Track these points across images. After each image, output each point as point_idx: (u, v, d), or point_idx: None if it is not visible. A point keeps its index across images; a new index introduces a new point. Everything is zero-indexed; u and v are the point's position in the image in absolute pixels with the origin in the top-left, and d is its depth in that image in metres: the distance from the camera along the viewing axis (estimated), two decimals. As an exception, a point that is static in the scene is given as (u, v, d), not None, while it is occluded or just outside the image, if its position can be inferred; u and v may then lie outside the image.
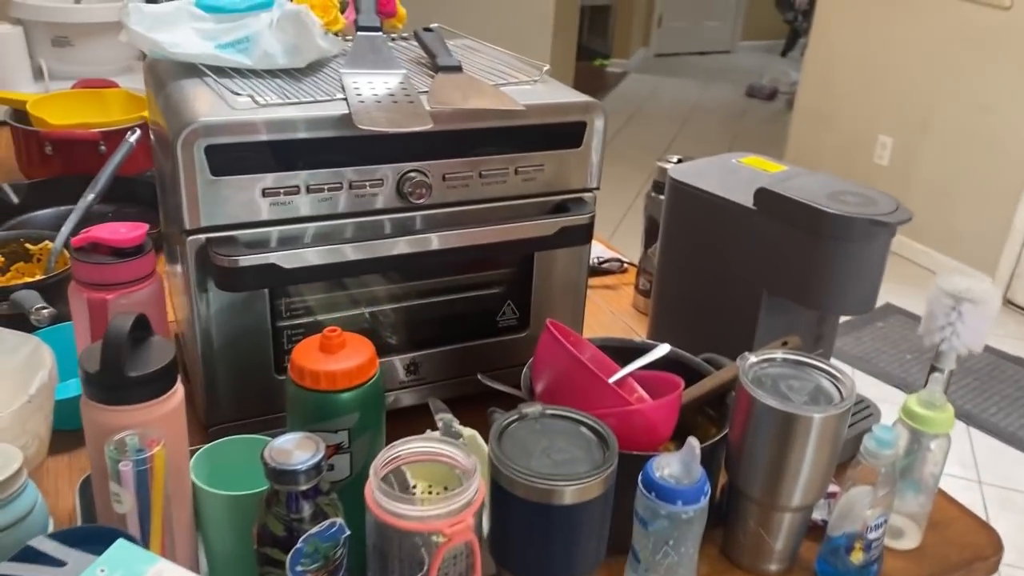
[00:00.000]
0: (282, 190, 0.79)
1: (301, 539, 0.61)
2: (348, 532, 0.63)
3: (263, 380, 0.85)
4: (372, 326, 0.90)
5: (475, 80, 0.89)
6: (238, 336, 0.82)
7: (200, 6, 0.89)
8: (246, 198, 0.78)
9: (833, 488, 0.79)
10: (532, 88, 0.90)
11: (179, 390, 0.64)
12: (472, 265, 0.92)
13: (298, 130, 0.77)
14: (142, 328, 0.63)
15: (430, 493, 0.66)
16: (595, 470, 0.62)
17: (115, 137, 1.44)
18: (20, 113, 1.49)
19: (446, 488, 0.63)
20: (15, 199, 1.34)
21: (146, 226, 0.75)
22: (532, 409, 0.66)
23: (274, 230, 0.80)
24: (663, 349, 0.85)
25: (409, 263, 0.84)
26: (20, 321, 0.91)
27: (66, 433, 0.82)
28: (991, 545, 0.85)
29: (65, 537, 0.51)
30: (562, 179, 0.90)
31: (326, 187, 0.80)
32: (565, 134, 0.89)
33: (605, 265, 1.33)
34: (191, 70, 0.86)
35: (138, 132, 1.21)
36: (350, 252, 0.80)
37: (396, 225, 0.84)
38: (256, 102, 0.78)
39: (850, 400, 0.72)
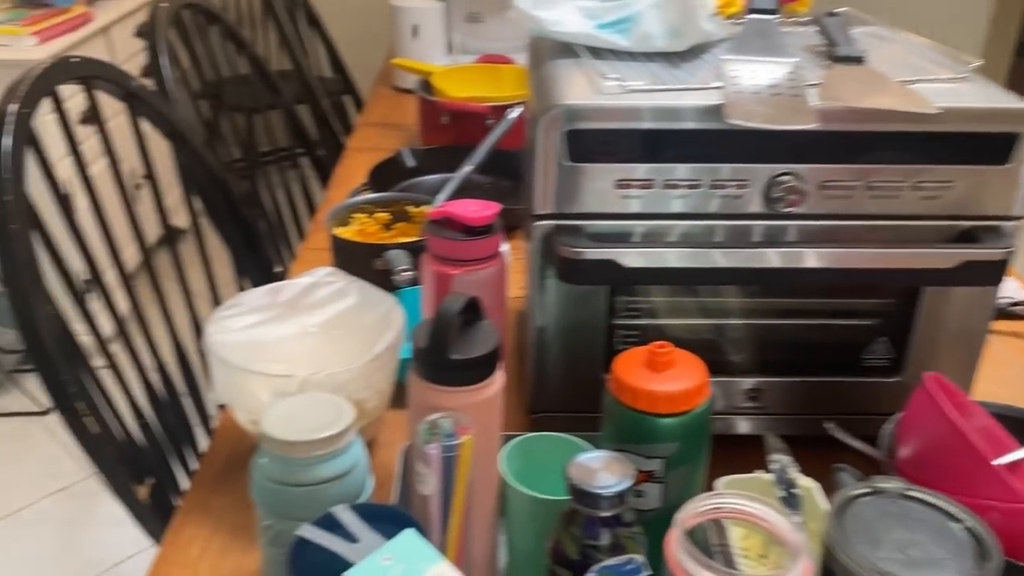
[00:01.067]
0: (637, 183, 0.73)
1: (594, 569, 0.56)
2: (649, 573, 0.57)
3: (591, 377, 0.81)
4: (715, 339, 0.81)
5: (878, 74, 0.75)
6: (574, 328, 0.79)
7: (588, -17, 0.86)
8: (599, 188, 0.74)
9: None
10: (953, 87, 0.74)
11: (498, 379, 0.61)
12: (844, 290, 0.80)
13: (662, 119, 0.71)
14: (473, 311, 0.62)
15: (744, 553, 0.57)
16: (965, 567, 0.48)
17: (502, 112, 1.50)
18: (427, 84, 1.62)
19: (762, 556, 0.53)
20: (411, 163, 1.46)
21: (498, 206, 0.74)
22: (891, 485, 0.54)
23: (623, 224, 0.75)
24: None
25: (769, 279, 0.74)
26: (389, 279, 0.98)
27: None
28: None
29: (364, 512, 0.51)
30: (974, 202, 0.73)
31: (684, 184, 0.73)
32: (988, 147, 0.72)
33: (1017, 308, 1.09)
34: (568, 50, 0.84)
35: (520, 108, 1.24)
36: (702, 258, 0.72)
37: (757, 233, 0.75)
38: (624, 87, 0.73)
39: None
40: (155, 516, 0.88)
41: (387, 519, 0.51)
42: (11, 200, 0.74)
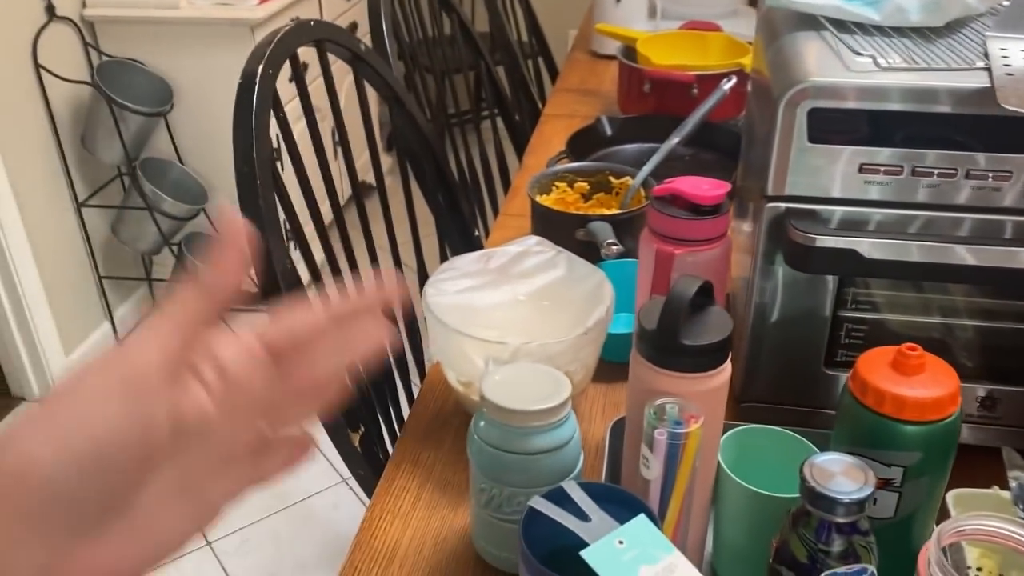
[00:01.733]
0: (883, 168, 0.68)
1: (824, 574, 0.53)
2: (878, 584, 0.54)
3: (809, 369, 0.78)
4: (946, 340, 0.75)
5: None
6: (795, 317, 0.76)
7: (834, -49, 0.80)
8: (839, 171, 0.69)
9: None
10: None
11: (727, 368, 0.59)
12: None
13: (919, 101, 0.66)
14: (705, 295, 0.60)
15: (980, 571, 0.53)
16: None
17: (708, 82, 1.45)
18: (629, 50, 1.58)
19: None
20: (609, 131, 1.44)
21: (728, 185, 0.71)
22: None
23: (858, 211, 0.70)
24: None
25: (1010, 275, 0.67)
26: (591, 250, 0.97)
27: (609, 364, 0.85)
28: None
29: (594, 491, 0.51)
30: None
31: (936, 172, 0.68)
32: None
33: None
34: (809, 22, 0.79)
35: (733, 80, 1.19)
36: (950, 254, 0.67)
37: (1010, 230, 0.68)
38: (877, 64, 0.68)
39: None
40: (363, 462, 0.92)
41: (616, 500, 0.51)
42: (257, 159, 0.79)
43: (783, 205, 0.71)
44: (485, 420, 0.64)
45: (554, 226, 1.06)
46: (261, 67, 0.86)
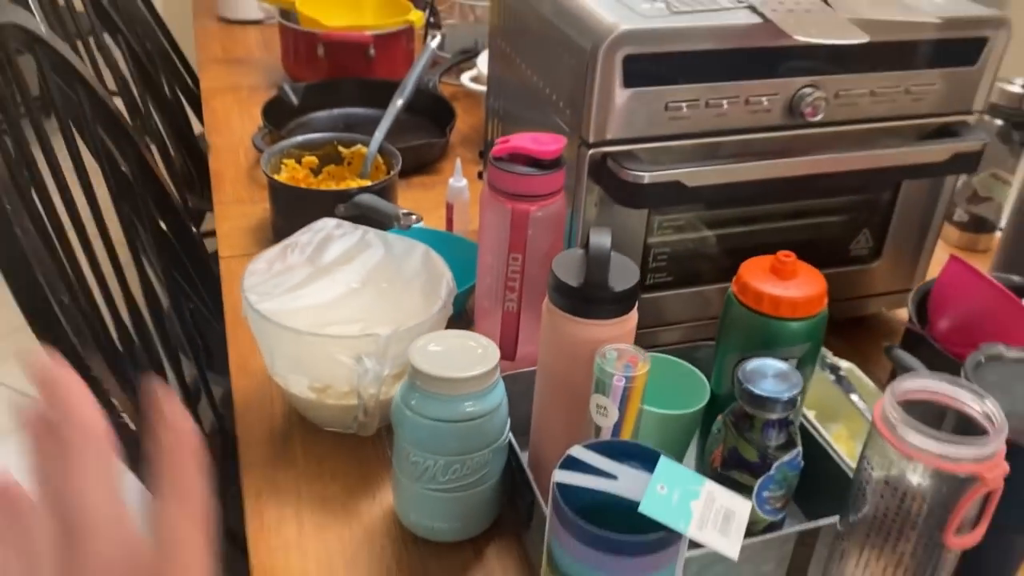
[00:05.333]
0: (685, 104, 0.76)
1: (774, 466, 0.60)
2: (802, 463, 0.62)
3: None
4: (728, 248, 0.87)
5: (870, -11, 0.82)
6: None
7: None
8: (649, 112, 0.75)
9: None
10: (929, 1, 0.83)
11: (636, 310, 0.63)
12: (840, 189, 0.88)
13: (711, 40, 0.74)
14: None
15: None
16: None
17: (385, 41, 1.44)
18: (287, 13, 1.50)
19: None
20: (295, 100, 1.36)
21: (563, 139, 0.73)
22: (1005, 352, 0.62)
23: (670, 145, 0.77)
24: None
25: (808, 184, 0.80)
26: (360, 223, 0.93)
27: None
28: None
29: (599, 449, 0.51)
30: (948, 100, 0.84)
31: (725, 101, 0.77)
32: (962, 51, 0.82)
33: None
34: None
35: (439, 37, 1.20)
36: (759, 171, 0.77)
37: (785, 144, 0.80)
38: (670, 9, 0.74)
39: None
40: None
41: (619, 454, 0.51)
42: None
43: (603, 149, 0.76)
44: (418, 394, 0.62)
45: (307, 205, 0.99)
46: None
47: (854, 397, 0.77)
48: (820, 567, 0.63)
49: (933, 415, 0.56)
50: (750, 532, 0.62)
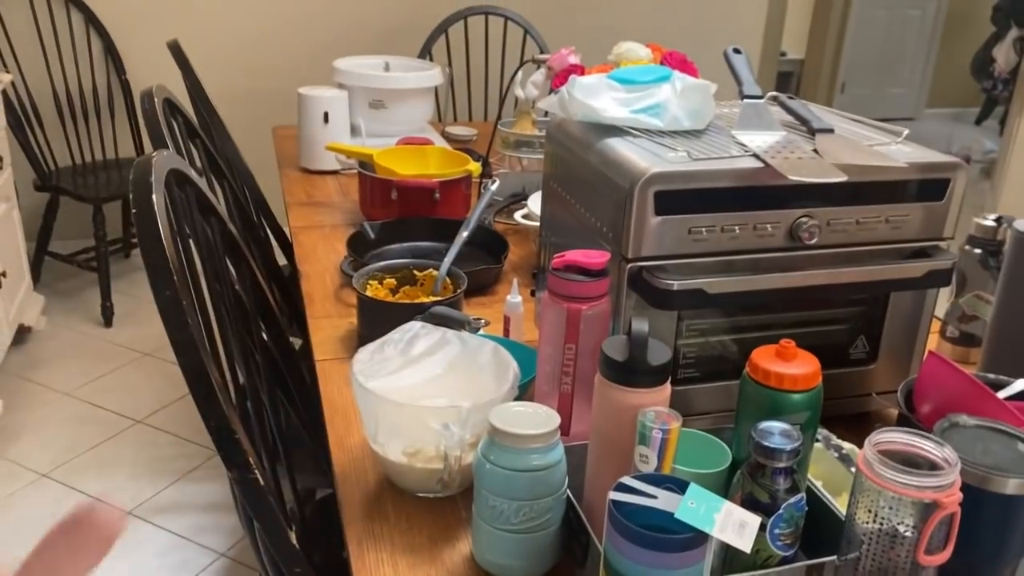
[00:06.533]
0: (704, 229, 0.95)
1: (783, 506, 0.75)
2: (806, 508, 0.77)
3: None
4: (742, 351, 1.04)
5: (851, 140, 1.03)
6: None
7: (614, 78, 1.08)
8: (676, 235, 0.95)
9: None
10: (898, 148, 1.03)
11: (669, 382, 0.80)
12: (838, 302, 1.06)
13: (724, 180, 0.94)
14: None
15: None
16: (1034, 468, 0.73)
17: (448, 186, 1.68)
18: (364, 164, 1.75)
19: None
20: (372, 235, 1.59)
21: (608, 254, 0.93)
22: (965, 420, 0.78)
23: (693, 261, 0.96)
24: (1026, 382, 0.95)
25: (805, 294, 0.98)
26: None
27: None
28: None
29: (644, 479, 0.67)
30: (923, 228, 1.02)
31: (737, 227, 0.96)
32: (931, 189, 1.01)
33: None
34: (609, 130, 1.05)
35: (497, 183, 1.43)
36: (764, 282, 0.95)
37: (787, 261, 0.99)
38: (691, 156, 0.95)
39: None
40: (301, 558, 0.94)
41: (658, 482, 0.67)
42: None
43: (639, 264, 0.95)
44: (496, 448, 0.78)
45: (390, 316, 1.19)
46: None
47: (853, 470, 0.91)
48: (826, 599, 0.77)
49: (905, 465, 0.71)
50: (766, 566, 0.76)
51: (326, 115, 2.00)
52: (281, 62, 3.41)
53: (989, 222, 1.25)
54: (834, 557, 0.76)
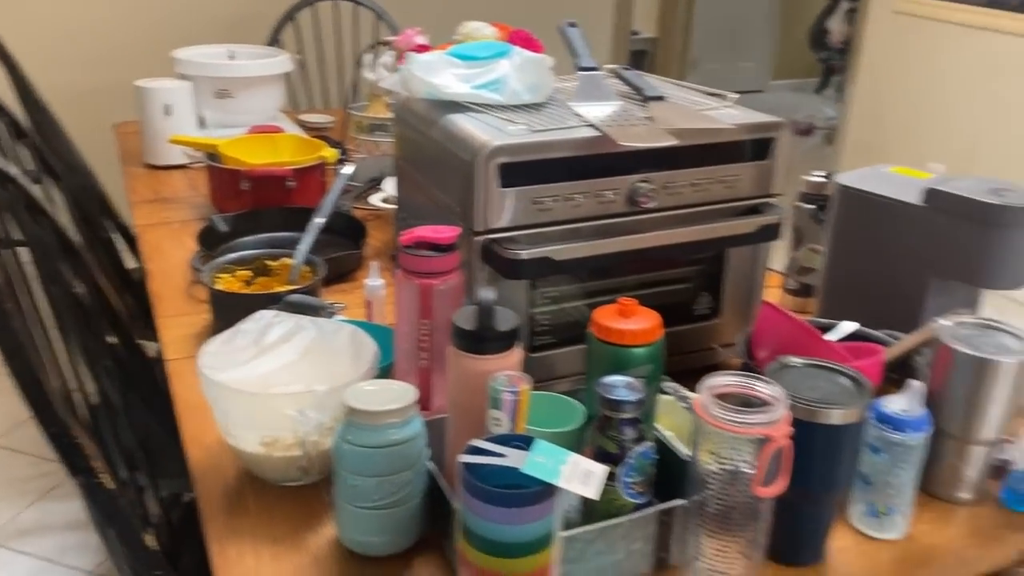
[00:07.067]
0: (548, 199, 0.98)
1: (629, 455, 0.79)
2: (657, 456, 0.81)
3: (522, 357, 1.03)
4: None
5: (681, 106, 1.08)
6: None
7: (454, 55, 1.09)
8: (521, 206, 0.97)
9: (1013, 439, 0.95)
10: (727, 111, 1.09)
11: (518, 347, 0.82)
12: (679, 262, 1.10)
13: (562, 150, 0.97)
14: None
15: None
16: (856, 399, 0.79)
17: (303, 174, 1.65)
18: (211, 155, 1.70)
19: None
20: (223, 228, 1.54)
21: (457, 229, 0.93)
22: (794, 361, 0.84)
23: (538, 231, 0.98)
24: (852, 326, 1.03)
25: (649, 255, 1.02)
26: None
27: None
28: None
29: (494, 440, 0.69)
30: (752, 186, 1.08)
31: (578, 195, 0.99)
32: (756, 149, 1.07)
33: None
34: (451, 106, 1.06)
35: (351, 168, 1.41)
36: (607, 246, 0.98)
37: (629, 225, 1.02)
38: (531, 129, 0.97)
39: (1030, 351, 0.89)
40: (162, 561, 0.91)
41: (508, 442, 0.69)
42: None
43: (489, 236, 0.96)
44: (353, 427, 0.78)
45: (244, 308, 1.15)
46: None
47: (702, 418, 0.96)
48: (680, 542, 0.81)
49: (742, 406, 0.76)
50: (620, 514, 0.79)
51: (168, 107, 1.92)
52: (119, 54, 3.24)
53: (818, 178, 1.33)
54: (684, 500, 0.80)
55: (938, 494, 0.94)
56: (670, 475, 0.83)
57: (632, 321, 0.84)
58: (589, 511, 0.80)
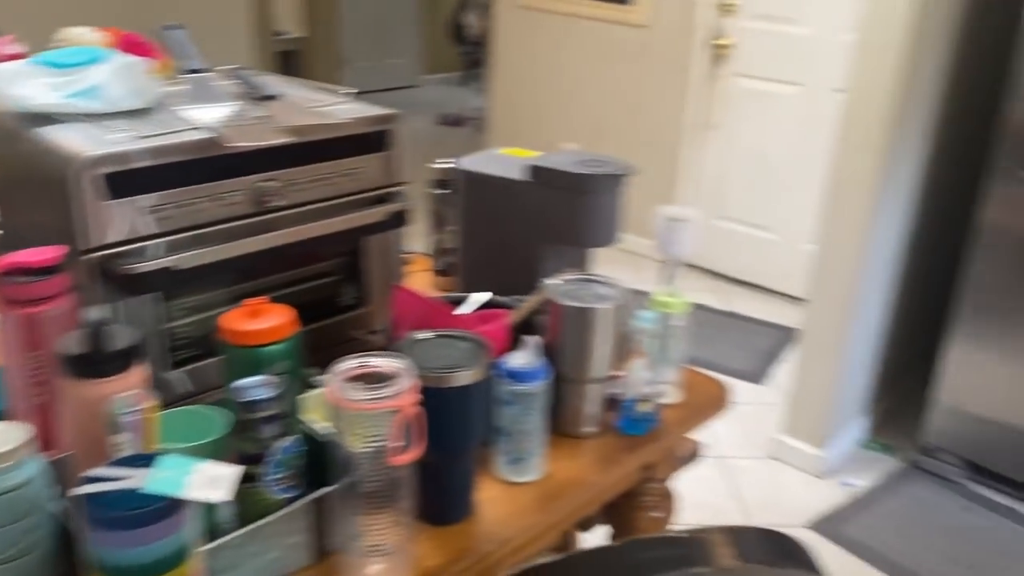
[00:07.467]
0: (165, 206, 0.94)
1: (271, 452, 0.79)
2: (304, 447, 0.82)
3: (157, 376, 0.99)
4: (241, 318, 1.06)
5: (296, 104, 1.09)
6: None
7: (43, 62, 1.00)
8: (134, 216, 0.92)
9: (621, 373, 1.10)
10: (343, 107, 1.12)
11: (140, 365, 0.78)
12: (319, 256, 1.12)
13: (173, 155, 0.93)
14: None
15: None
16: (478, 361, 0.87)
17: None
18: None
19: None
20: None
21: (63, 248, 0.86)
22: (422, 334, 0.89)
23: (160, 242, 0.94)
24: (485, 296, 1.12)
25: (282, 253, 1.02)
26: None
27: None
28: (721, 392, 1.21)
29: (114, 465, 0.65)
30: (376, 176, 1.13)
31: (199, 200, 0.97)
32: (374, 141, 1.12)
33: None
34: (44, 118, 0.98)
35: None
36: (235, 249, 0.97)
37: (260, 226, 1.02)
38: (139, 135, 0.93)
39: (623, 297, 1.03)
40: None
41: (134, 463, 0.66)
42: None
43: (101, 253, 0.91)
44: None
45: None
46: None
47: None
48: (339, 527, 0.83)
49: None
50: (269, 513, 0.79)
51: None
52: None
53: (444, 164, 1.42)
54: (333, 486, 0.81)
55: (568, 432, 1.06)
56: (327, 464, 0.85)
57: (261, 320, 0.84)
58: (242, 516, 0.80)
